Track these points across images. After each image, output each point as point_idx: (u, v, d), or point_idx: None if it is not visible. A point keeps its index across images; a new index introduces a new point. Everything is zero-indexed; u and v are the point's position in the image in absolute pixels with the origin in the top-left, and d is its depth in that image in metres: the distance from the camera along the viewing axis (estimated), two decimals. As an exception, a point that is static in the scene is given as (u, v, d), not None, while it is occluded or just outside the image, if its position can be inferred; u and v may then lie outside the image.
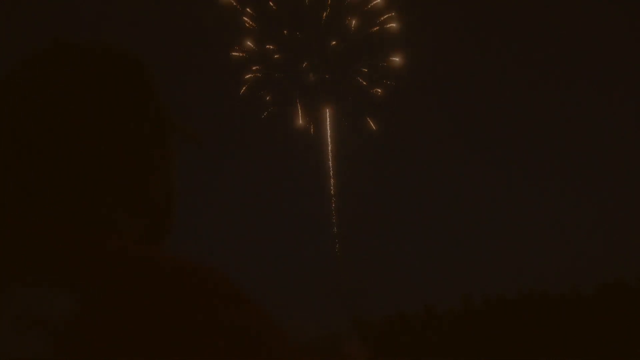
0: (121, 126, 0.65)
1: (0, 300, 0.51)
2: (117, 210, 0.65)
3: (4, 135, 0.63)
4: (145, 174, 0.68)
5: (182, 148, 0.78)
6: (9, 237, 0.57)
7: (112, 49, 0.69)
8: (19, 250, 0.55)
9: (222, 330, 0.51)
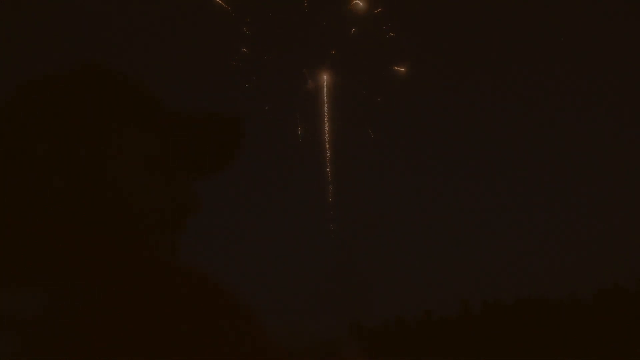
0: (117, 130, 0.67)
1: None
2: (116, 212, 0.66)
3: (5, 138, 0.65)
4: (144, 176, 0.69)
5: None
6: (9, 237, 0.58)
7: (103, 63, 0.72)
8: (18, 250, 0.56)
9: (222, 332, 0.52)
